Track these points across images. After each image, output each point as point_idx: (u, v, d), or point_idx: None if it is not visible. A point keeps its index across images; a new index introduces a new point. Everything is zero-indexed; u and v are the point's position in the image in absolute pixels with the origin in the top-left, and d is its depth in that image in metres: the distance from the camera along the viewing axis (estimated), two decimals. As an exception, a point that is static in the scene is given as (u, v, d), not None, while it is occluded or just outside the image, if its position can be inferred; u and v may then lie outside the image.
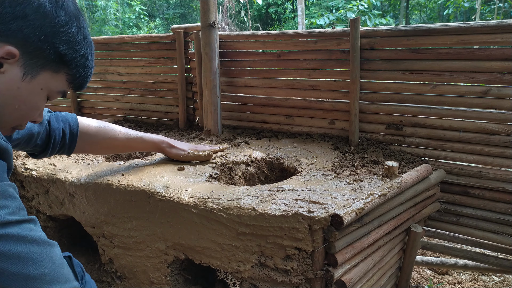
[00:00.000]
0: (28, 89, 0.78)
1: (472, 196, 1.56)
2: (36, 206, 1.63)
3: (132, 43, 2.31)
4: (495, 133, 1.46)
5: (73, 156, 1.77)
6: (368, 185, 1.27)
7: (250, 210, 1.13)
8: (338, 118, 1.78)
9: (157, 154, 1.72)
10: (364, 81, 1.67)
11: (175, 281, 1.39)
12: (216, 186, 1.34)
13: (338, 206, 1.10)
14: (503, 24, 1.36)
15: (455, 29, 1.44)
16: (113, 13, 12.52)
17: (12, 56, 0.73)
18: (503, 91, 1.42)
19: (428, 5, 15.45)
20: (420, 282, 1.96)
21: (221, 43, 1.93)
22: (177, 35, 2.11)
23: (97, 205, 1.43)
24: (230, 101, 2.05)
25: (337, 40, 1.67)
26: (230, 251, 1.20)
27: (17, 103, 0.79)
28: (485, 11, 10.94)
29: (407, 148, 1.65)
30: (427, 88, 1.55)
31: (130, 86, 2.41)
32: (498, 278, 2.02)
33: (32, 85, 0.79)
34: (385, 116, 1.66)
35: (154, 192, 1.30)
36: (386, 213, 1.25)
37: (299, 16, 7.95)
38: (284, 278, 1.14)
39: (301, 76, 1.82)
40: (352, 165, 1.47)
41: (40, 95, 0.82)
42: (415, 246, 1.45)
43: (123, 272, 1.47)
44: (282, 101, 1.89)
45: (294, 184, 1.31)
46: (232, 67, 1.98)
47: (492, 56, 1.41)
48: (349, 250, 1.13)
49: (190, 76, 2.19)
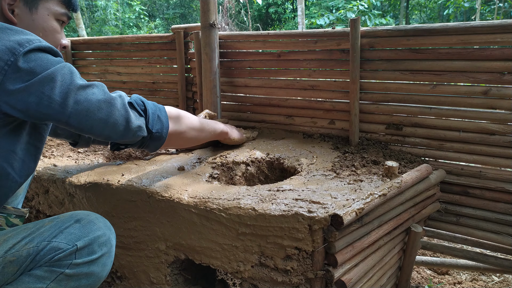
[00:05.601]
0: (39, 18, 1.02)
1: (472, 196, 1.56)
2: (36, 206, 1.63)
3: (132, 43, 2.31)
4: (495, 133, 1.46)
5: (73, 156, 1.77)
6: (368, 185, 1.27)
7: (250, 210, 1.13)
8: (338, 118, 1.78)
9: (157, 154, 1.72)
10: (364, 81, 1.67)
11: (175, 281, 1.39)
12: (216, 186, 1.34)
13: (338, 206, 1.10)
14: (503, 24, 1.36)
15: (455, 29, 1.44)
16: (113, 13, 12.51)
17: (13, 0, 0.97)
18: (503, 91, 1.42)
19: (428, 5, 15.45)
20: (420, 282, 1.96)
21: (221, 43, 1.93)
22: (177, 35, 2.11)
23: (97, 205, 1.43)
24: (230, 101, 2.05)
25: (337, 40, 1.67)
26: (230, 251, 1.20)
27: (40, 32, 1.02)
28: (485, 11, 10.94)
29: (407, 148, 1.65)
30: (427, 88, 1.55)
31: (130, 86, 2.41)
32: (498, 278, 2.02)
33: (40, 14, 1.02)
34: (385, 116, 1.66)
35: (154, 192, 1.30)
36: (386, 213, 1.25)
37: (299, 16, 7.95)
38: (284, 278, 1.14)
39: (301, 76, 1.82)
40: (352, 165, 1.47)
41: (50, 20, 1.05)
42: (415, 246, 1.45)
43: (123, 272, 1.47)
44: (282, 101, 1.89)
45: (294, 184, 1.31)
46: (232, 67, 1.98)
47: (492, 56, 1.41)
48: (349, 250, 1.13)
49: (190, 76, 2.19)
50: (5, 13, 0.97)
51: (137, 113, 1.12)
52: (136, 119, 1.10)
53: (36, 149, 1.07)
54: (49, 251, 0.93)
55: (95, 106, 0.97)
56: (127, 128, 1.06)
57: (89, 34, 12.17)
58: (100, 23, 12.66)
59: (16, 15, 0.99)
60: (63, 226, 0.98)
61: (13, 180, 1.00)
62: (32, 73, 0.87)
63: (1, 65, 0.84)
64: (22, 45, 0.87)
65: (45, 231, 0.96)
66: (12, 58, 0.85)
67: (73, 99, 0.93)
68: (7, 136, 0.94)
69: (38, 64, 0.89)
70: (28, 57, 0.87)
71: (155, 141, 1.18)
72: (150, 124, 1.14)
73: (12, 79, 0.86)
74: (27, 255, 0.92)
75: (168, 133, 1.20)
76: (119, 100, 1.05)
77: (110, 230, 1.05)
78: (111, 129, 1.03)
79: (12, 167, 0.98)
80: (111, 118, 1.01)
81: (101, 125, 1.00)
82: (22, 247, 0.93)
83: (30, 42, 0.88)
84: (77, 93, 0.94)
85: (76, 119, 0.95)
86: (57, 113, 0.91)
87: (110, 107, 1.01)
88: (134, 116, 1.09)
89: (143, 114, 1.13)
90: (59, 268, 0.93)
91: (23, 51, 0.87)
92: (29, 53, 0.88)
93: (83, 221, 1.00)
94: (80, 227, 0.98)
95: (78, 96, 0.94)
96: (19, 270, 0.92)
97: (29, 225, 1.01)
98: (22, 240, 0.95)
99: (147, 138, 1.15)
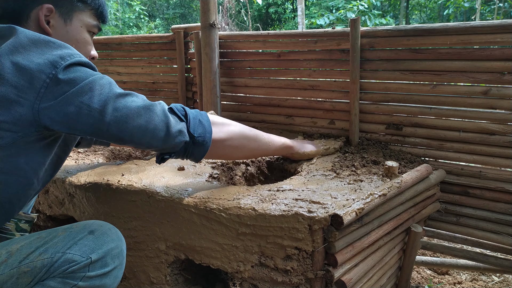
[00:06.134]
0: (73, 30, 1.05)
1: (472, 196, 1.56)
2: (36, 206, 1.63)
3: (132, 43, 2.31)
4: (495, 133, 1.46)
5: (73, 156, 1.77)
6: (368, 185, 1.27)
7: (250, 210, 1.13)
8: (338, 118, 1.78)
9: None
10: (364, 81, 1.67)
11: (175, 281, 1.39)
12: (216, 186, 1.34)
13: (338, 206, 1.10)
14: (503, 24, 1.36)
15: (455, 29, 1.44)
16: (113, 13, 12.52)
17: (50, 11, 0.99)
18: (503, 91, 1.42)
19: (428, 5, 15.45)
20: (420, 282, 1.96)
21: (221, 43, 1.93)
22: (177, 35, 2.11)
23: (97, 205, 1.43)
24: (230, 101, 2.06)
25: (337, 40, 1.67)
26: (230, 251, 1.20)
27: (73, 43, 1.05)
28: (485, 11, 10.94)
29: (407, 148, 1.65)
30: (427, 88, 1.55)
31: (130, 86, 2.41)
32: (498, 278, 2.02)
33: (73, 26, 1.05)
34: (385, 116, 1.66)
35: (154, 192, 1.30)
36: (386, 213, 1.25)
37: (299, 16, 7.95)
38: (284, 278, 1.14)
39: (301, 76, 1.82)
40: (352, 165, 1.47)
41: (83, 31, 1.07)
42: (415, 246, 1.45)
43: (123, 272, 1.46)
44: (282, 101, 1.89)
45: (294, 184, 1.31)
46: (232, 67, 1.98)
47: (492, 56, 1.41)
48: (349, 250, 1.13)
49: (190, 76, 2.19)
50: (42, 24, 0.98)
51: (178, 118, 1.09)
52: (177, 123, 1.07)
53: (59, 160, 1.08)
54: (63, 263, 0.93)
55: (135, 112, 0.97)
56: (167, 133, 1.04)
57: (89, 34, 12.16)
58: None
59: (51, 26, 1.00)
60: (77, 237, 0.97)
61: (35, 188, 1.01)
62: (71, 84, 0.89)
63: (43, 78, 0.86)
64: (64, 59, 0.88)
65: (59, 242, 0.96)
66: (54, 71, 0.87)
67: (112, 106, 0.93)
68: (42, 150, 0.95)
69: (78, 75, 0.90)
70: (68, 70, 0.89)
71: (198, 146, 1.13)
72: (191, 128, 1.10)
73: (53, 92, 0.87)
74: (42, 266, 0.92)
75: (212, 139, 1.15)
76: (159, 106, 1.04)
77: (122, 241, 1.05)
78: (151, 135, 1.01)
79: (38, 177, 0.99)
80: (150, 124, 1.00)
81: (141, 131, 0.99)
82: (36, 258, 0.93)
83: (72, 56, 0.90)
84: (116, 100, 0.94)
85: (116, 127, 0.94)
86: (97, 121, 0.92)
87: (149, 113, 1.00)
88: (174, 121, 1.07)
89: (183, 119, 1.10)
90: (72, 280, 0.93)
91: (64, 64, 0.88)
92: (69, 66, 0.89)
93: (97, 233, 1.00)
94: (94, 239, 0.98)
95: (117, 103, 0.94)
96: (33, 280, 0.92)
97: (42, 233, 1.00)
98: (36, 250, 0.94)
99: (190, 143, 1.11)
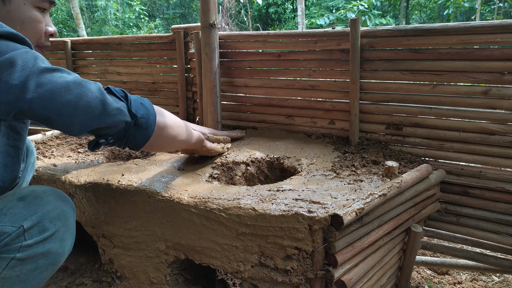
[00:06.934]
0: (15, 10, 0.93)
1: (472, 196, 1.56)
2: (36, 206, 1.63)
3: (132, 43, 2.31)
4: (495, 133, 1.46)
5: (73, 156, 1.77)
6: (368, 185, 1.27)
7: (250, 210, 1.13)
8: (338, 118, 1.78)
9: (157, 154, 1.72)
10: (364, 81, 1.67)
11: (175, 281, 1.39)
12: (216, 186, 1.34)
13: (338, 206, 1.10)
14: (503, 24, 1.36)
15: (455, 29, 1.44)
16: (113, 13, 12.52)
17: None
18: (503, 91, 1.42)
19: (428, 5, 15.45)
20: (420, 282, 1.96)
21: (221, 43, 1.93)
22: (177, 35, 2.11)
23: (97, 205, 1.43)
24: (230, 101, 2.05)
25: (337, 40, 1.67)
26: (230, 251, 1.20)
27: (18, 24, 0.93)
28: (485, 11, 10.94)
29: (407, 148, 1.65)
30: (427, 88, 1.55)
31: (130, 86, 2.41)
32: (498, 278, 2.02)
33: (14, 5, 0.92)
34: (385, 116, 1.66)
35: (154, 192, 1.30)
36: (386, 213, 1.25)
37: (299, 16, 7.95)
38: (284, 278, 1.14)
39: (301, 76, 1.82)
40: (352, 165, 1.47)
41: (28, 9, 0.95)
42: (415, 246, 1.45)
43: (123, 272, 1.47)
44: (282, 101, 1.89)
45: (294, 184, 1.31)
46: (232, 67, 1.98)
47: (492, 56, 1.41)
48: (349, 250, 1.13)
49: (190, 76, 2.19)
50: None
51: (116, 97, 0.98)
52: (115, 101, 0.95)
53: (17, 150, 0.99)
54: None
55: (62, 87, 0.84)
56: (103, 111, 0.91)
57: (89, 34, 12.18)
58: (100, 23, 12.67)
59: None
60: (5, 207, 0.89)
61: None
62: None
63: None
64: None
65: None
66: None
67: (35, 82, 0.81)
68: None
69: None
70: None
71: (141, 130, 1.02)
72: (133, 108, 0.99)
73: None
74: None
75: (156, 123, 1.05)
76: (93, 83, 0.92)
77: (65, 201, 0.96)
78: (83, 113, 0.88)
79: None
80: (82, 101, 0.87)
81: (71, 108, 0.85)
82: None
83: None
84: (40, 75, 0.82)
85: (40, 104, 0.81)
86: (17, 99, 0.79)
87: (81, 88, 0.87)
88: (112, 99, 0.95)
89: (123, 99, 0.99)
90: (8, 254, 0.85)
91: None
92: None
93: (29, 198, 0.91)
94: (25, 205, 0.90)
95: (42, 78, 0.82)
96: None
97: None
98: None
99: (131, 125, 1.00)
